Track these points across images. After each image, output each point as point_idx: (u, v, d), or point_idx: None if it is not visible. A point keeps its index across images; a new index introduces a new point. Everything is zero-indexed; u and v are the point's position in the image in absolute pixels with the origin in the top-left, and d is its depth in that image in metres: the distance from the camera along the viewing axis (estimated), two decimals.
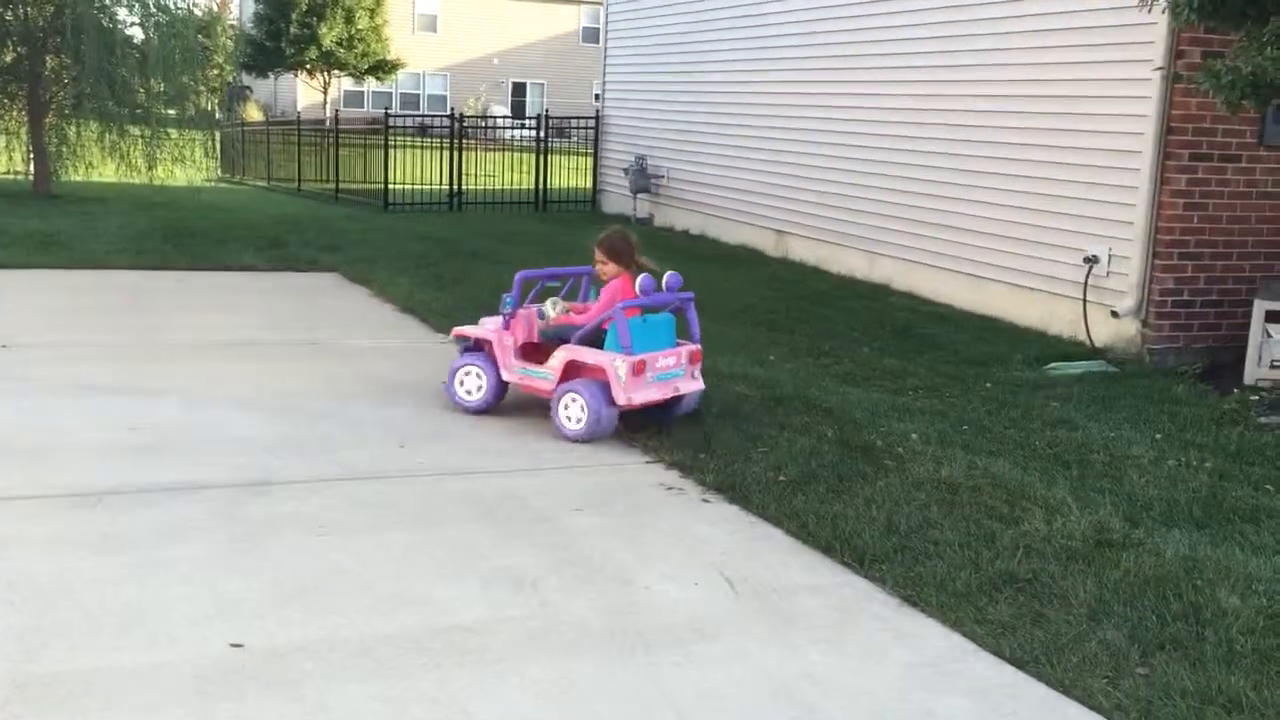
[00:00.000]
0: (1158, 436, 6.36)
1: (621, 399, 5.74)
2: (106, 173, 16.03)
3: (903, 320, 9.74)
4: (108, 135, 15.50)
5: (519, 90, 51.26)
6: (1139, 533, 4.78)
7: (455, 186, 17.91)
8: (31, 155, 15.99)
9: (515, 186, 18.53)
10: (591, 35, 49.50)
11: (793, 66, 13.11)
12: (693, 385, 6.16)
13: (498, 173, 18.79)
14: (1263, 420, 6.80)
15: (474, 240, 13.53)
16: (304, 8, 40.02)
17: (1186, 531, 4.84)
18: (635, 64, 16.97)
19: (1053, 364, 8.17)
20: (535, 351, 6.19)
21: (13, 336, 7.15)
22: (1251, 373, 7.77)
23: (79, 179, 16.14)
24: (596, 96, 18.56)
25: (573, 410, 5.79)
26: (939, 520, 4.85)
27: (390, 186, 17.44)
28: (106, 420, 5.63)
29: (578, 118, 19.30)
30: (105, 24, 14.98)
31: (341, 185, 19.33)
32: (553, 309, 6.13)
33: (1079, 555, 4.51)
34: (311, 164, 21.86)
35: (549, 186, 18.48)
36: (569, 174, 18.78)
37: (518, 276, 6.28)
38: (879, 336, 8.96)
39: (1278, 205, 8.58)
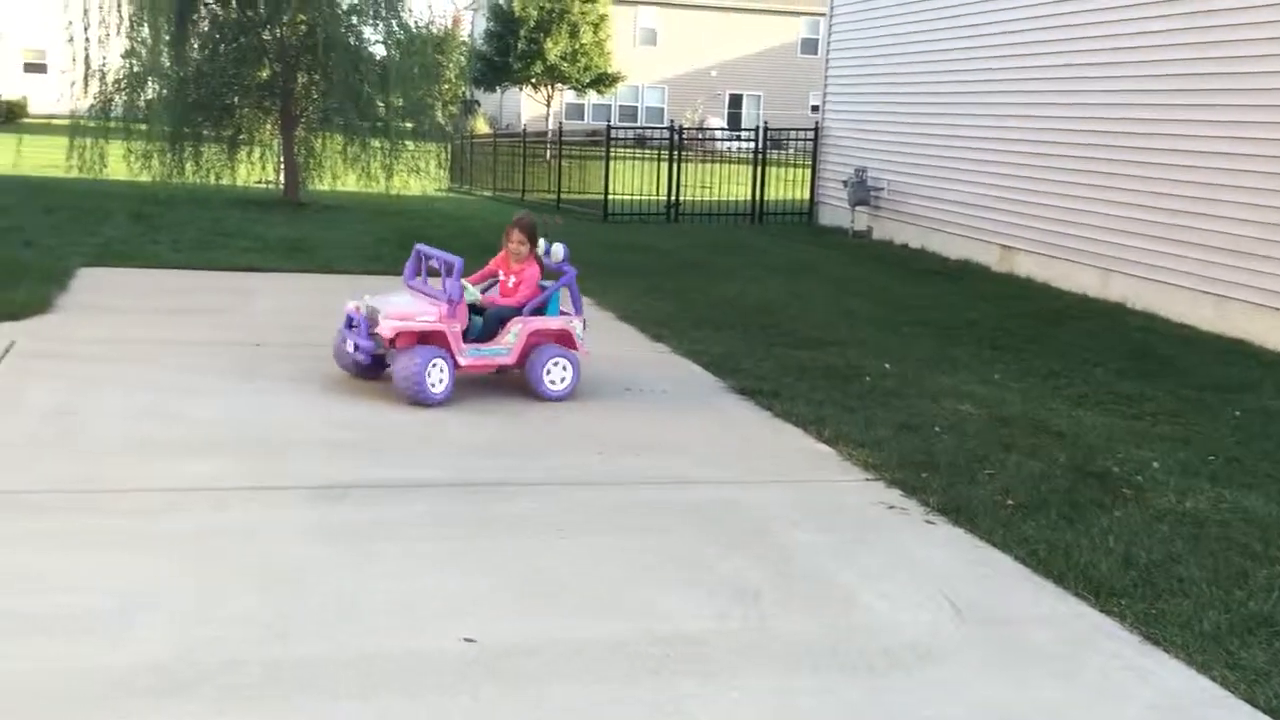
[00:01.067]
0: None
1: (584, 351, 6.55)
2: (348, 183, 16.96)
3: (1139, 341, 9.24)
4: (350, 147, 16.39)
5: (735, 102, 51.38)
6: None
7: (673, 197, 18.10)
8: (282, 166, 17.08)
9: (731, 198, 18.58)
10: (810, 47, 49.17)
11: (1021, 75, 12.66)
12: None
13: (714, 184, 18.87)
14: None
15: (691, 251, 13.64)
16: (531, 24, 41.30)
17: None
18: (857, 75, 16.74)
19: None
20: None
21: (265, 336, 7.63)
22: None
23: (324, 188, 17.13)
24: (814, 108, 18.44)
25: (556, 373, 6.37)
26: (1183, 555, 4.57)
27: (610, 197, 17.78)
28: (343, 420, 5.92)
29: (795, 129, 19.17)
30: (352, 42, 15.86)
31: (563, 195, 19.84)
32: (474, 290, 6.53)
33: None
34: (535, 174, 22.54)
35: (765, 198, 18.44)
36: (785, 186, 18.69)
37: (416, 248, 6.77)
38: (1114, 358, 8.53)
39: None
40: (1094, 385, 7.61)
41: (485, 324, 6.44)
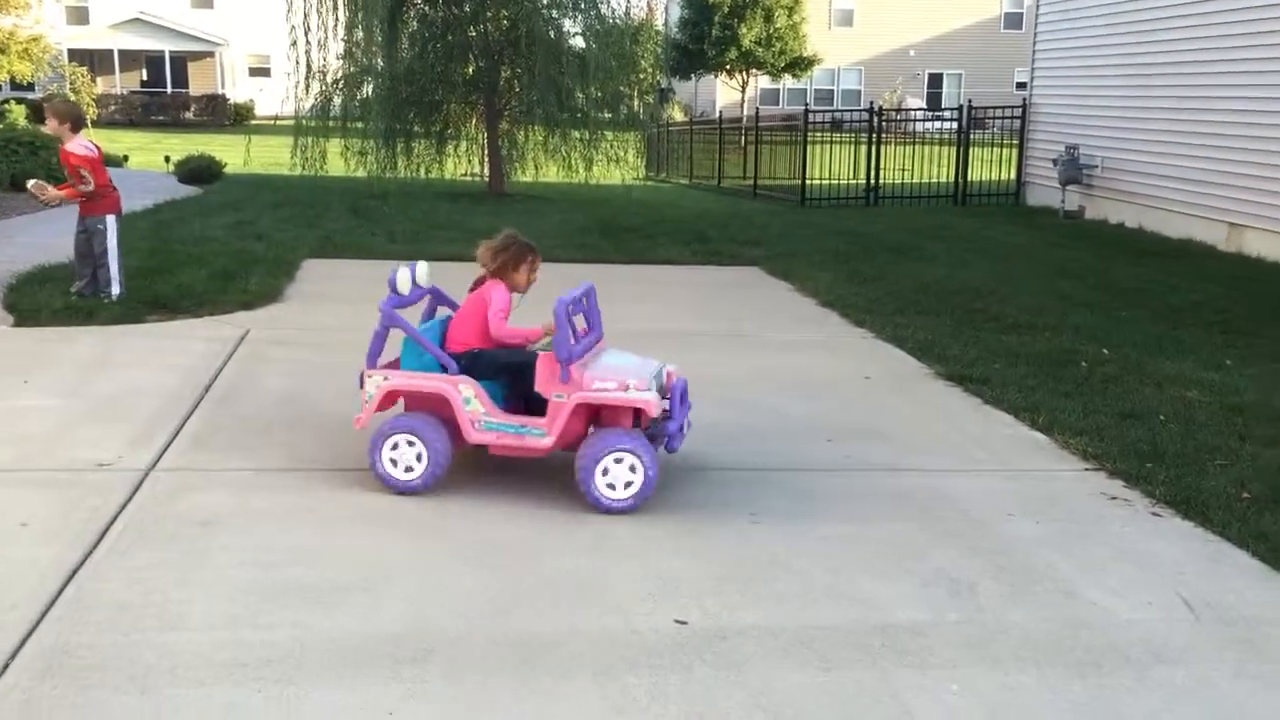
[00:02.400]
0: None
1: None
2: (549, 173, 17.35)
3: None
4: (551, 138, 16.78)
5: (935, 81, 50.00)
6: None
7: (872, 181, 17.78)
8: (487, 159, 17.62)
9: (933, 180, 18.11)
10: (1013, 21, 47.37)
11: (1248, 39, 11.85)
12: None
13: (914, 166, 18.43)
14: None
15: (892, 235, 13.37)
16: (725, 10, 41.24)
17: None
18: (1068, 49, 16.03)
19: None
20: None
21: None
22: None
23: (526, 179, 17.59)
24: (1018, 85, 17.84)
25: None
26: None
27: (807, 182, 17.61)
28: None
29: (999, 107, 18.50)
30: (552, 36, 16.20)
31: (759, 182, 19.76)
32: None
33: None
34: (730, 161, 22.52)
35: (969, 179, 17.90)
36: (989, 166, 18.09)
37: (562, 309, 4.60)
38: None
39: None
40: None
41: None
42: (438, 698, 3.14)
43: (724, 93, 46.08)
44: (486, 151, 17.56)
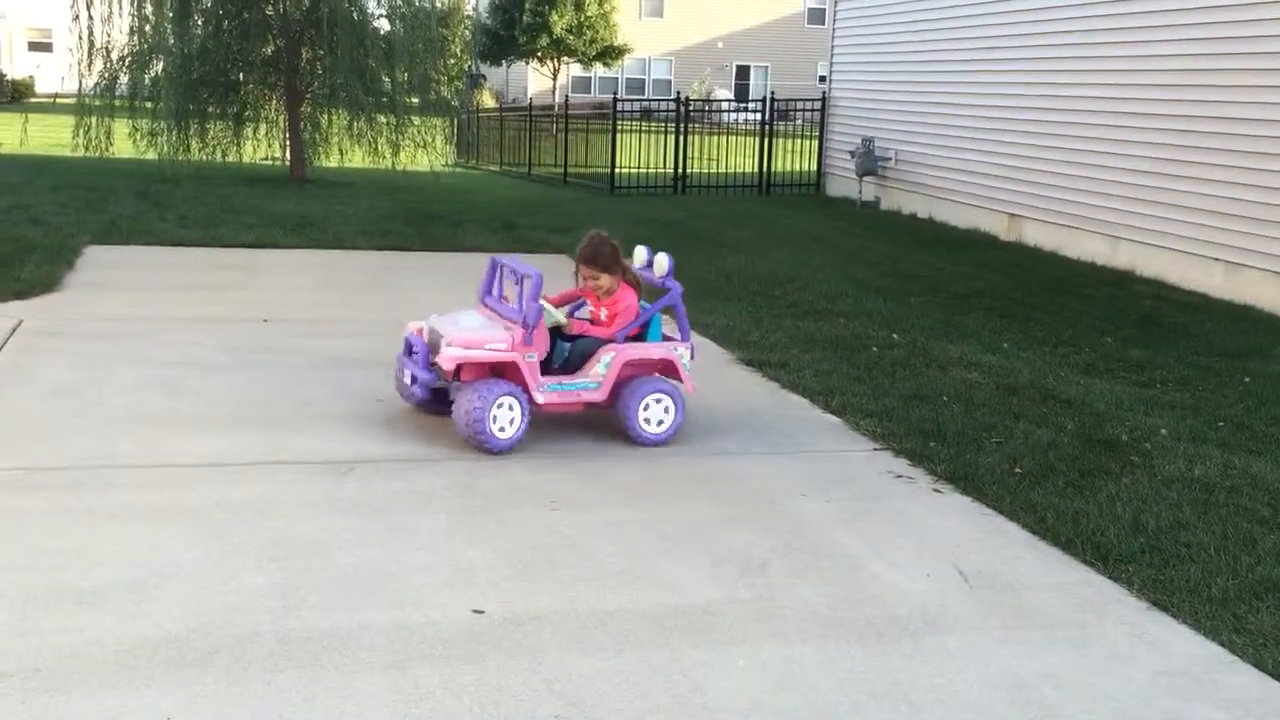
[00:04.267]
0: None
1: (691, 385, 5.45)
2: (355, 159, 16.92)
3: (1149, 308, 9.21)
4: (356, 123, 16.34)
5: (743, 74, 51.16)
6: None
7: (680, 170, 18.04)
8: (288, 143, 17.04)
9: (739, 170, 18.51)
10: (817, 17, 48.87)
11: (1028, 43, 12.56)
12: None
13: (721, 156, 18.80)
14: None
15: (699, 223, 13.60)
16: None
17: None
18: (864, 44, 16.64)
19: None
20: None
21: (273, 311, 7.65)
22: None
23: (330, 165, 17.10)
24: (821, 79, 18.40)
25: (655, 412, 5.29)
26: (1192, 521, 4.57)
27: (617, 170, 17.74)
28: (355, 392, 5.94)
29: (802, 100, 19.06)
30: (356, 17, 15.77)
31: (570, 169, 19.79)
32: (558, 313, 5.41)
33: None
34: (542, 149, 22.47)
35: (773, 170, 18.37)
36: (793, 157, 18.61)
37: (492, 259, 5.63)
38: (1123, 325, 8.51)
39: None
40: (1103, 353, 7.60)
41: (573, 355, 5.35)
42: (221, 700, 3.03)
43: (536, 80, 45.95)
44: (287, 135, 16.99)
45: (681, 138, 18.11)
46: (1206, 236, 9.93)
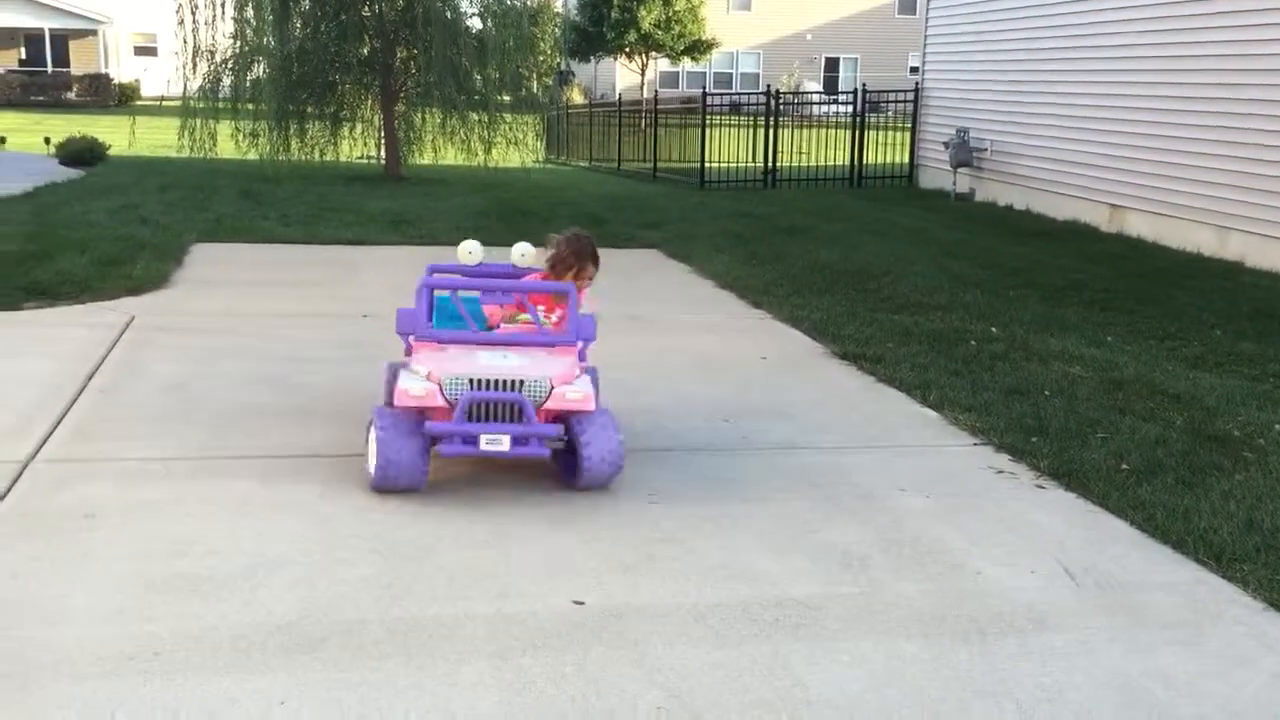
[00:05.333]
0: None
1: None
2: (448, 156, 17.16)
3: (1261, 300, 8.92)
4: (449, 121, 16.57)
5: (832, 65, 50.68)
6: None
7: (770, 164, 17.95)
8: (383, 141, 17.35)
9: (829, 163, 18.35)
10: (908, 7, 48.18)
11: (1129, 27, 12.24)
12: None
13: (811, 149, 18.65)
14: None
15: (789, 217, 13.52)
16: None
17: None
18: (958, 33, 16.37)
19: None
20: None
21: (373, 307, 7.79)
22: None
23: (424, 162, 17.36)
24: (912, 69, 18.12)
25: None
26: None
27: (706, 165, 17.71)
28: None
29: (894, 91, 18.81)
30: (449, 16, 15.99)
31: (659, 164, 19.81)
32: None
33: None
34: (630, 144, 22.53)
35: (864, 162, 18.18)
36: (884, 149, 18.39)
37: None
38: (1232, 318, 8.25)
39: None
40: (1211, 346, 7.38)
41: None
42: (332, 685, 3.10)
43: (623, 75, 46.08)
44: (382, 134, 17.29)
45: (771, 131, 18.01)
46: None
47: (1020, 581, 3.92)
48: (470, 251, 5.07)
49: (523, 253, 5.14)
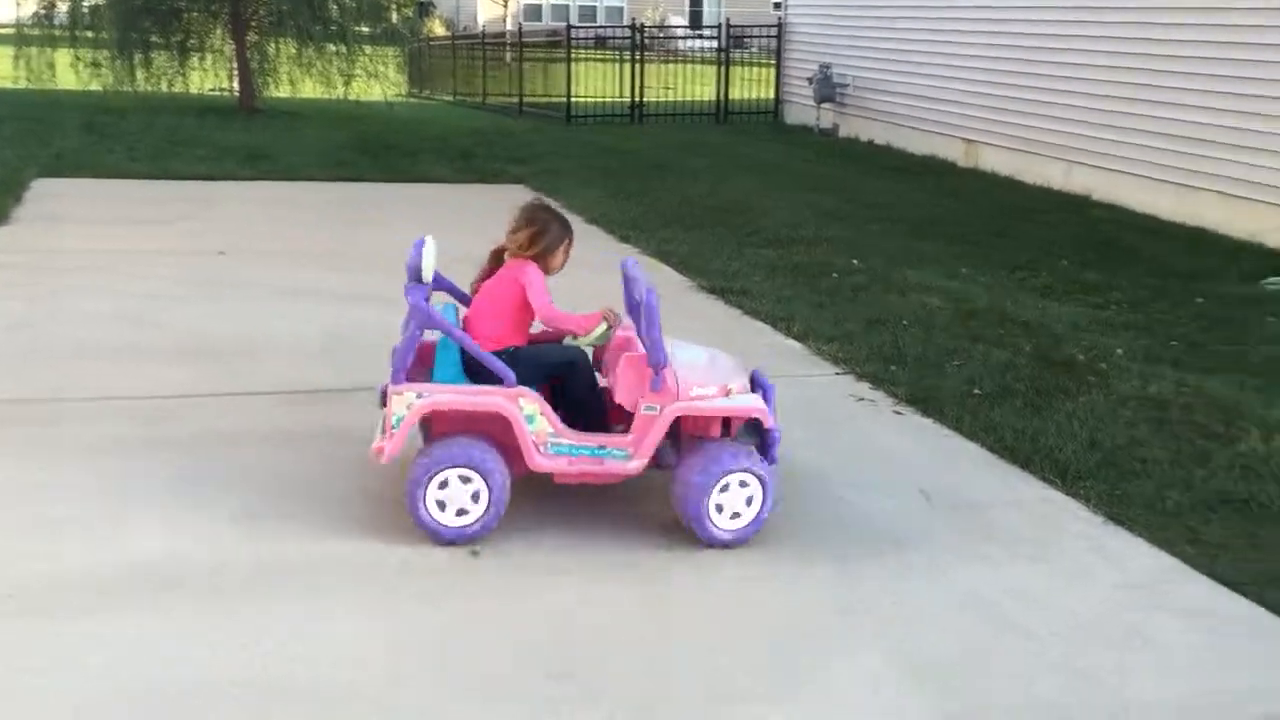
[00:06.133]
0: None
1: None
2: (305, 89, 16.61)
3: (1104, 232, 9.31)
4: (305, 52, 16.01)
5: (697, 0, 50.49)
6: None
7: (636, 98, 17.88)
8: (236, 73, 16.68)
9: (696, 98, 18.37)
10: None
11: None
12: None
13: (678, 84, 18.63)
14: None
15: (656, 152, 13.53)
16: None
17: None
18: None
19: (1271, 278, 7.69)
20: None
21: (230, 244, 7.55)
22: None
23: (281, 95, 16.77)
24: (775, 4, 18.13)
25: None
26: (1147, 438, 4.67)
27: (572, 99, 17.55)
28: (322, 323, 5.89)
29: (758, 26, 18.88)
30: None
31: (525, 99, 19.55)
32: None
33: None
34: (496, 78, 22.15)
35: (730, 97, 18.25)
36: (750, 85, 18.49)
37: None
38: (1079, 249, 8.60)
39: None
40: (1059, 276, 7.68)
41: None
42: (196, 624, 3.05)
43: (486, 7, 45.10)
44: (234, 65, 16.62)
45: (637, 66, 17.92)
46: (1159, 160, 10.02)
47: (880, 505, 4.06)
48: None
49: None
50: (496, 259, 4.02)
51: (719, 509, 3.61)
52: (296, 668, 2.89)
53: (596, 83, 17.97)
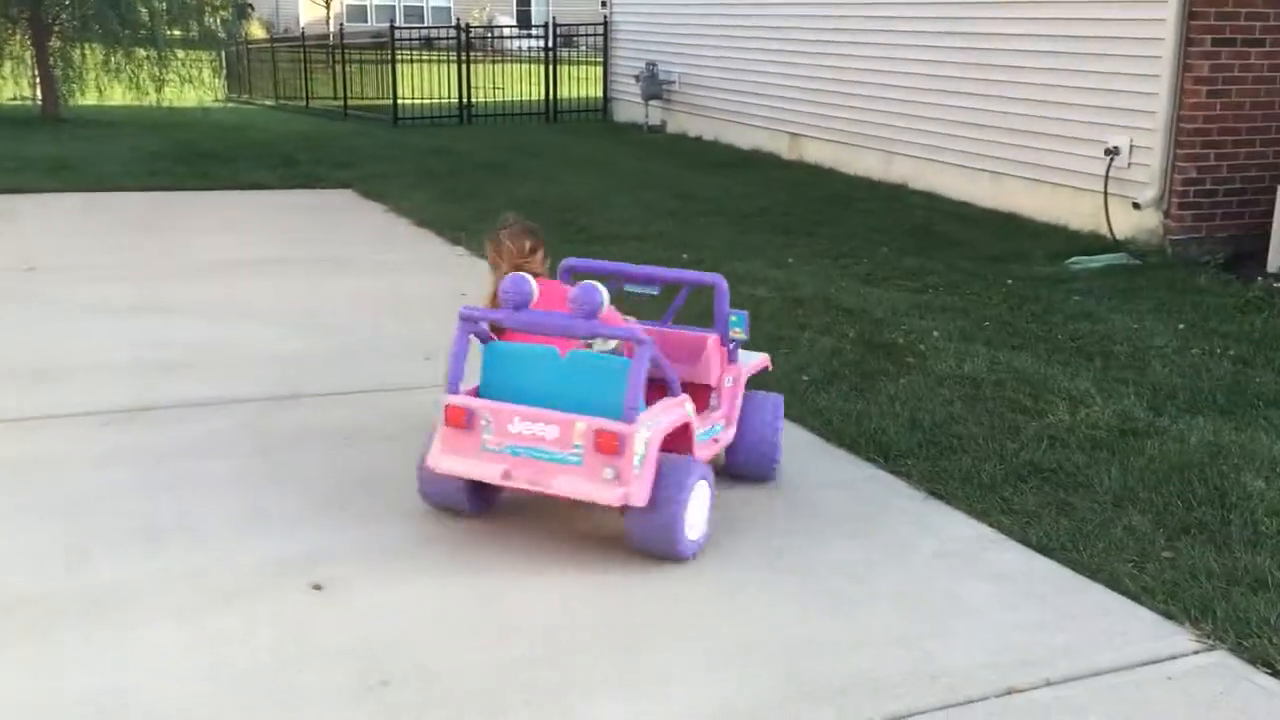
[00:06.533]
0: (1181, 326, 6.34)
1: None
2: (115, 95, 15.91)
3: (921, 219, 9.66)
4: (114, 57, 15.33)
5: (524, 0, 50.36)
6: (1163, 421, 4.80)
7: (464, 99, 17.72)
8: (38, 80, 15.85)
9: (525, 98, 18.32)
10: None
11: None
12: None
13: (506, 84, 18.54)
14: None
15: (486, 153, 13.44)
16: None
17: (1210, 418, 4.85)
18: None
19: (1074, 258, 8.12)
20: None
21: (36, 259, 7.18)
22: (1275, 260, 7.70)
23: (89, 103, 16.02)
24: (603, 3, 18.22)
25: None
26: (963, 415, 4.87)
27: (399, 101, 17.28)
28: (133, 339, 5.67)
29: (585, 25, 18.95)
30: None
31: (350, 102, 19.15)
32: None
33: (1104, 444, 4.53)
34: (319, 81, 21.64)
35: (559, 96, 18.26)
36: (579, 83, 18.53)
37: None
38: (898, 236, 8.91)
39: None
40: (879, 263, 7.94)
41: None
42: (7, 656, 2.89)
43: (308, 9, 44.04)
44: (36, 72, 15.79)
45: (464, 66, 17.76)
46: (971, 149, 10.45)
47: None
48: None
49: None
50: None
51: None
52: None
53: (424, 84, 17.73)
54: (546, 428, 3.44)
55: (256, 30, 37.19)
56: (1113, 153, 8.65)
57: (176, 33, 16.15)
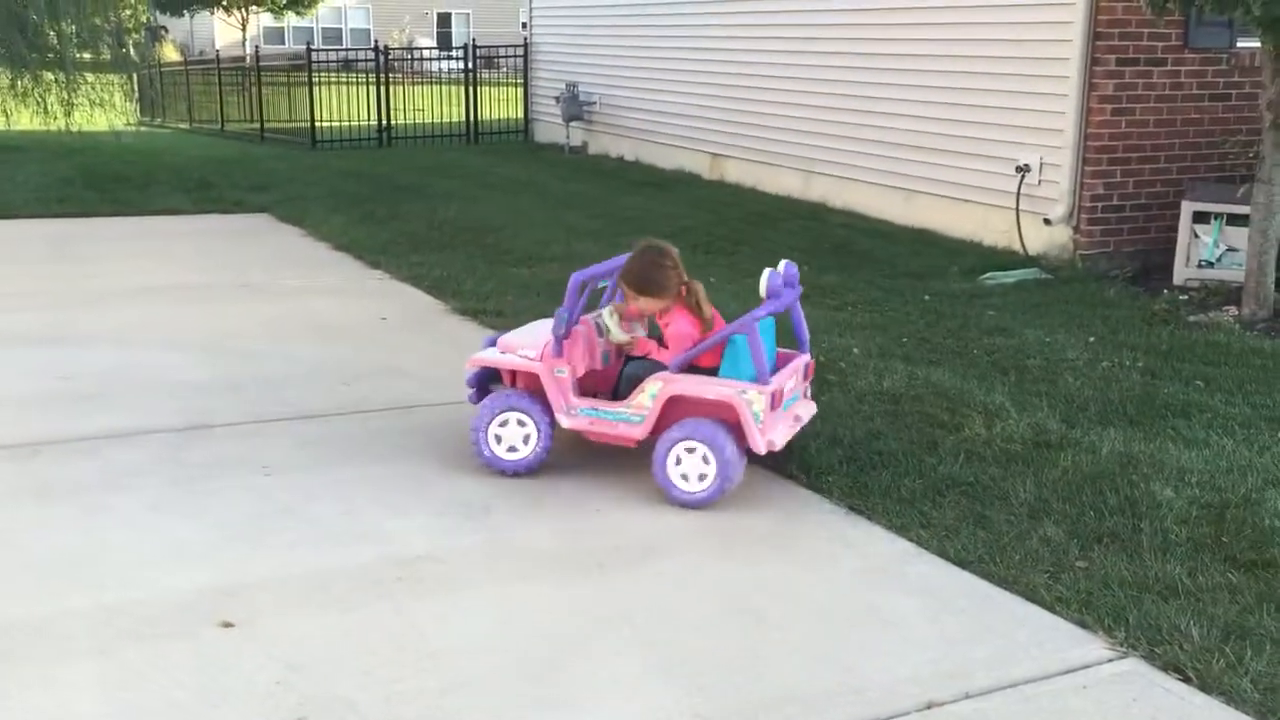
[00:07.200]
0: (1091, 339, 6.49)
1: (760, 444, 4.19)
2: (23, 120, 15.51)
3: (840, 237, 9.78)
4: (20, 81, 14.94)
5: (444, 21, 50.24)
6: (1076, 433, 4.90)
7: (384, 121, 17.59)
8: None
9: (446, 120, 18.23)
10: None
11: None
12: (809, 409, 4.72)
13: (427, 106, 18.44)
14: (1192, 319, 6.96)
15: (406, 175, 13.34)
16: None
17: (1121, 429, 4.96)
18: None
19: (988, 274, 8.27)
20: (591, 379, 4.65)
21: None
22: (1180, 273, 7.93)
23: None
24: (524, 25, 18.24)
25: (691, 464, 4.20)
26: (883, 430, 4.93)
27: (317, 124, 17.09)
28: (39, 370, 5.52)
29: (505, 46, 18.93)
30: None
31: (267, 125, 18.90)
32: (615, 326, 4.66)
33: (1019, 457, 4.61)
34: (234, 104, 21.33)
35: (480, 118, 18.21)
36: (500, 105, 18.50)
37: (573, 279, 4.45)
38: (818, 255, 9.00)
39: (1203, 108, 8.70)
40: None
41: (622, 379, 4.57)
42: None
43: (223, 31, 43.48)
44: None
45: (383, 88, 17.63)
46: (887, 167, 10.61)
47: (636, 516, 4.11)
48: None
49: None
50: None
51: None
52: None
53: (343, 106, 17.57)
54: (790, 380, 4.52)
55: (170, 53, 36.63)
56: (1024, 170, 8.85)
57: (87, 56, 15.78)
